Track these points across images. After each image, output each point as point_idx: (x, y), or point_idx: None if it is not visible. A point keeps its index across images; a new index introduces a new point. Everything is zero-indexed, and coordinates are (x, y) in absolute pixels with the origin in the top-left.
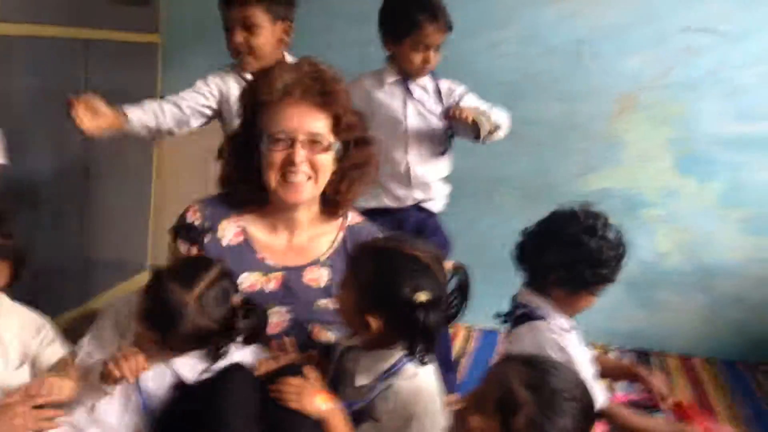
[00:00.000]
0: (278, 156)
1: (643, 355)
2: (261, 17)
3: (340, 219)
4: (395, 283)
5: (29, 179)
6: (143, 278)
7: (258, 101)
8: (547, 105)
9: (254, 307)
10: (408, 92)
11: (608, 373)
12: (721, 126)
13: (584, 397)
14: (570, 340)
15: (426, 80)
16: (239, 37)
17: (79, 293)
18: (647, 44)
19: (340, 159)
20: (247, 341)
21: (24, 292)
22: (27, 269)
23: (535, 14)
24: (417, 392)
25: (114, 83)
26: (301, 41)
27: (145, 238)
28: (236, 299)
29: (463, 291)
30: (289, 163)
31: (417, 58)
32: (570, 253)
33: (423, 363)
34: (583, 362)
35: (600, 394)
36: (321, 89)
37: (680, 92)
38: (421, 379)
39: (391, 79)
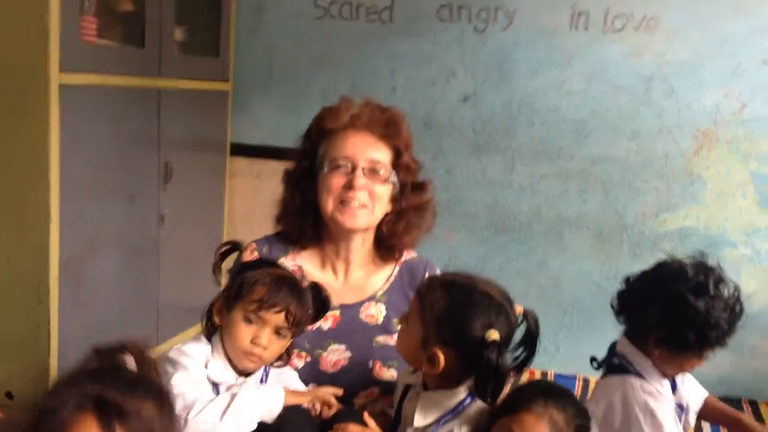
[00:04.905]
0: (338, 181)
1: (734, 403)
2: None
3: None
4: (468, 318)
5: (104, 225)
6: None
7: (323, 131)
8: (616, 143)
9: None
10: None
11: (714, 417)
12: None
13: None
14: (664, 405)
15: None
16: None
17: (151, 336)
18: (723, 78)
19: (396, 200)
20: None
21: (98, 336)
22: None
23: (600, 52)
24: None
25: (186, 129)
26: (366, 85)
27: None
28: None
29: (531, 338)
30: (348, 188)
31: None
32: (673, 314)
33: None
34: None
35: None
36: (386, 121)
37: (761, 126)
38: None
39: None
